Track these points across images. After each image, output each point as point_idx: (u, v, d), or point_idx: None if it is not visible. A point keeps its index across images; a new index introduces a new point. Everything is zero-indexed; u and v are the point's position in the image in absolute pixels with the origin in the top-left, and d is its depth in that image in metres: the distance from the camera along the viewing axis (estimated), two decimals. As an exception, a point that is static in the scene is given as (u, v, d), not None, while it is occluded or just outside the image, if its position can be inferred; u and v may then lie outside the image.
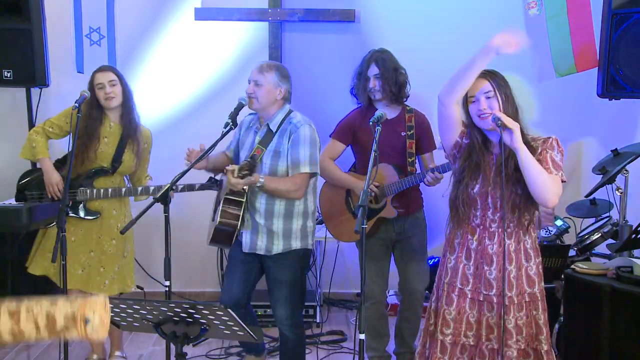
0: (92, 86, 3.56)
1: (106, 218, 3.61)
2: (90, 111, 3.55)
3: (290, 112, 3.20)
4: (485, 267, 2.63)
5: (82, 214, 3.57)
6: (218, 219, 3.11)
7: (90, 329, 1.38)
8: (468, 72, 2.51)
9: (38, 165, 3.70)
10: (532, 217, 2.63)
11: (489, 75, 2.58)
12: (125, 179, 3.75)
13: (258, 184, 3.00)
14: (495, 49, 2.45)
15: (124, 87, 3.61)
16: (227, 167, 2.97)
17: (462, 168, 2.65)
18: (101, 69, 3.61)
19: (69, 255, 3.49)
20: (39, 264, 3.59)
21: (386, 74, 3.48)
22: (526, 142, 2.53)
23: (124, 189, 3.58)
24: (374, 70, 3.51)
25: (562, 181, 2.56)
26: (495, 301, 2.61)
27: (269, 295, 3.27)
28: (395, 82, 3.51)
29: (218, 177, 3.43)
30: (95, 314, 1.38)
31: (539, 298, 2.64)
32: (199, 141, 3.17)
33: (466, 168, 2.63)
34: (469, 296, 2.67)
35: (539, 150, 2.56)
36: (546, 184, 2.48)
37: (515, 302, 2.61)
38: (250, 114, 3.32)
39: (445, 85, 2.60)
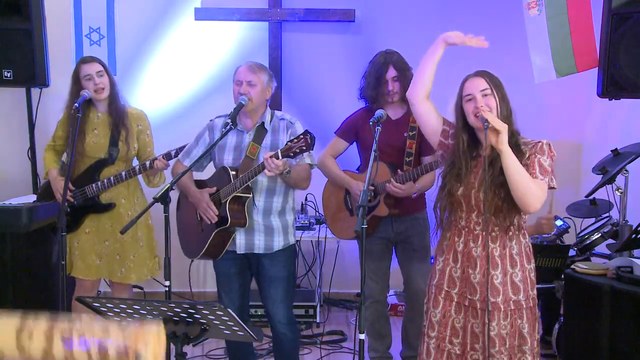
0: (77, 78, 3.50)
1: (116, 207, 3.60)
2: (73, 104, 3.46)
3: (272, 110, 3.23)
4: (470, 271, 2.59)
5: (100, 209, 3.56)
6: (230, 221, 3.04)
7: None
8: (426, 64, 2.67)
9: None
10: (519, 222, 2.59)
11: (486, 74, 2.59)
12: (134, 164, 3.69)
13: (286, 170, 2.92)
14: (444, 40, 2.65)
15: (110, 76, 3.56)
16: (265, 155, 2.84)
17: (444, 174, 2.67)
18: (86, 60, 3.54)
19: (86, 248, 3.54)
20: (80, 269, 3.57)
21: (403, 75, 3.47)
22: (515, 145, 2.51)
23: (123, 173, 3.52)
24: (392, 72, 3.48)
25: (551, 187, 2.51)
26: (479, 307, 2.56)
27: (262, 295, 3.23)
28: (409, 82, 3.49)
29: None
30: (148, 348, 1.27)
31: (524, 306, 2.56)
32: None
33: (448, 174, 2.64)
34: (455, 300, 2.63)
35: (527, 155, 2.52)
36: (528, 188, 2.44)
37: (502, 309, 2.54)
38: (219, 116, 3.28)
39: (410, 85, 2.76)
